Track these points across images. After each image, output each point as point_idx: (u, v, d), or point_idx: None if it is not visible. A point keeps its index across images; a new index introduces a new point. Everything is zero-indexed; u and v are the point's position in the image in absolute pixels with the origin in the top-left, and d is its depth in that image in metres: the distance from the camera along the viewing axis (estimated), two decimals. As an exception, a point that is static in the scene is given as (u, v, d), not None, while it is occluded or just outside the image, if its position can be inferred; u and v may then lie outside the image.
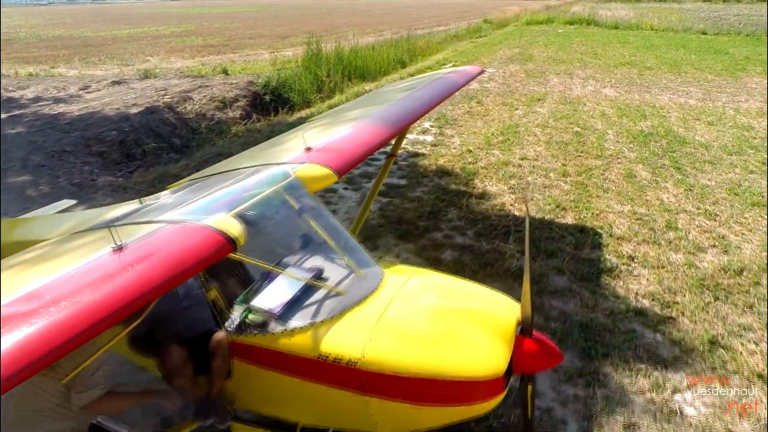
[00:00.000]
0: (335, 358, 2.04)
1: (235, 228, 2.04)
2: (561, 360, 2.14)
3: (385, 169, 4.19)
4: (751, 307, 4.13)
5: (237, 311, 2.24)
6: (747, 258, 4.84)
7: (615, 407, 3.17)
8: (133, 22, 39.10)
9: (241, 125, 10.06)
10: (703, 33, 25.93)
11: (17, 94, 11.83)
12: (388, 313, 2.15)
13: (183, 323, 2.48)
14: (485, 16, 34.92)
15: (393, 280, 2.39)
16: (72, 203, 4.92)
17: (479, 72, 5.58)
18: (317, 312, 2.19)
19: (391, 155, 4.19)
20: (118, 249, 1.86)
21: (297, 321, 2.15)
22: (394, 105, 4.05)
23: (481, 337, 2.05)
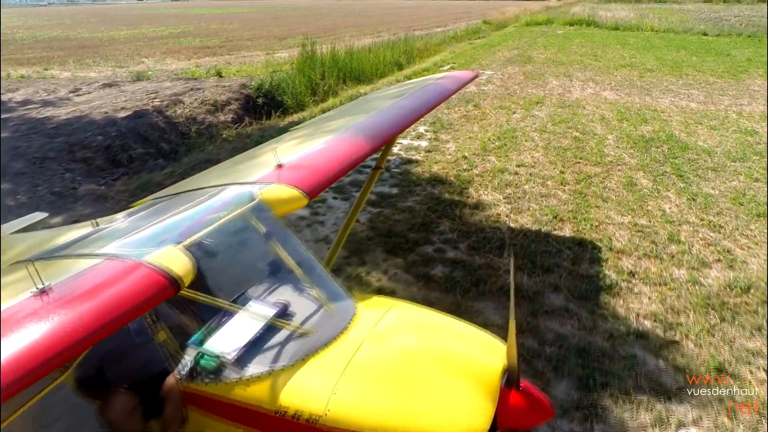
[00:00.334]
0: (295, 413, 1.79)
1: (181, 265, 1.79)
2: (552, 415, 1.90)
3: (370, 183, 3.94)
4: (760, 329, 3.87)
5: (190, 354, 2.00)
6: (754, 274, 4.59)
7: (614, 445, 2.93)
8: (132, 23, 38.89)
9: (232, 129, 9.81)
10: (704, 34, 25.71)
11: (6, 97, 11.60)
12: (357, 359, 1.90)
13: (136, 362, 2.23)
14: (485, 17, 34.72)
15: (366, 316, 2.15)
16: (44, 216, 4.65)
17: (473, 77, 5.35)
18: (278, 357, 1.94)
19: (377, 168, 3.94)
20: (40, 293, 1.62)
21: (255, 367, 1.91)
22: (378, 115, 3.80)
23: (463, 390, 1.81)
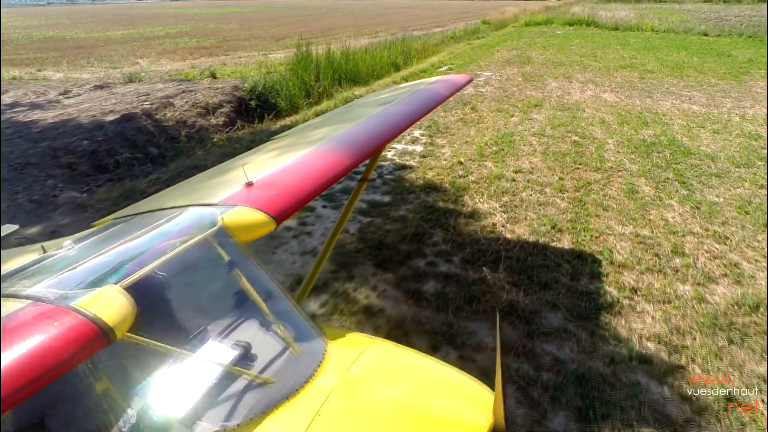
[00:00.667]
0: (248, 480, 1.55)
1: (116, 311, 1.54)
2: None
3: (356, 195, 3.68)
4: (771, 352, 3.64)
5: (134, 407, 1.75)
6: (763, 290, 4.35)
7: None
8: (129, 23, 38.66)
9: (223, 133, 9.57)
10: (705, 34, 25.49)
11: (-7, 99, 11.37)
12: (323, 414, 1.66)
13: (79, 412, 1.98)
14: (484, 17, 34.48)
15: (338, 358, 1.90)
16: (14, 228, 4.40)
17: (467, 81, 5.10)
18: (233, 412, 1.69)
19: (363, 179, 3.70)
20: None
21: (205, 425, 1.66)
22: (364, 123, 3.56)
23: None
